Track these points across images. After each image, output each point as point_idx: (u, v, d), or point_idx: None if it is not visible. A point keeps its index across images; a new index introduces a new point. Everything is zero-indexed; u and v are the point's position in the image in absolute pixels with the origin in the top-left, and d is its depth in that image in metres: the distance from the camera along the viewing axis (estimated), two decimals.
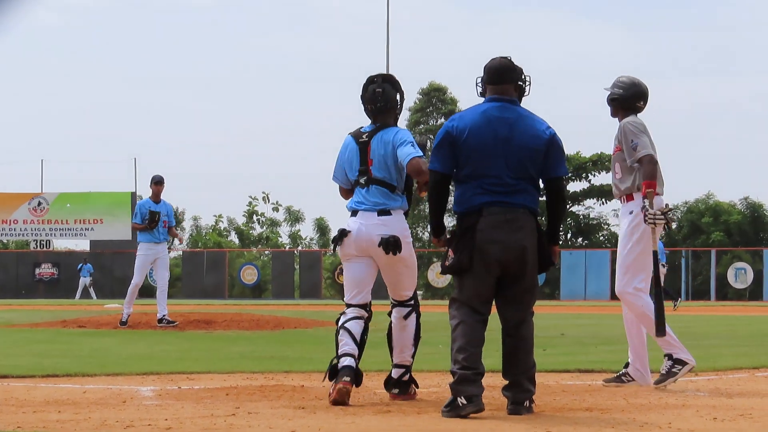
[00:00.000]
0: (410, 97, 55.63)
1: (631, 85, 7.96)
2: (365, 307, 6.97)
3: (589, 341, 13.19)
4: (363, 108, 7.07)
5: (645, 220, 7.50)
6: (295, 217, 58.99)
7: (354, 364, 6.72)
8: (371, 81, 7.04)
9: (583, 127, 67.86)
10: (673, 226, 8.12)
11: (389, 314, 7.09)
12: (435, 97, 54.55)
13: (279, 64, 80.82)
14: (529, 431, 5.49)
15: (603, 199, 51.66)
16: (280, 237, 58.83)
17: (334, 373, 6.72)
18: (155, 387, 7.74)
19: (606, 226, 52.84)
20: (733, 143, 74.09)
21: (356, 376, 6.71)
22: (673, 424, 5.72)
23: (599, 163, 50.59)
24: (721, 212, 50.48)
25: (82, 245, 49.91)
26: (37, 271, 46.34)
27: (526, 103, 6.54)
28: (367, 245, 6.87)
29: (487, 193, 6.14)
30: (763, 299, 41.37)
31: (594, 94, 75.17)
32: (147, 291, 46.41)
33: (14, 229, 47.52)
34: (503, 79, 6.33)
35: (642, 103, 7.97)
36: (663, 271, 23.38)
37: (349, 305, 6.95)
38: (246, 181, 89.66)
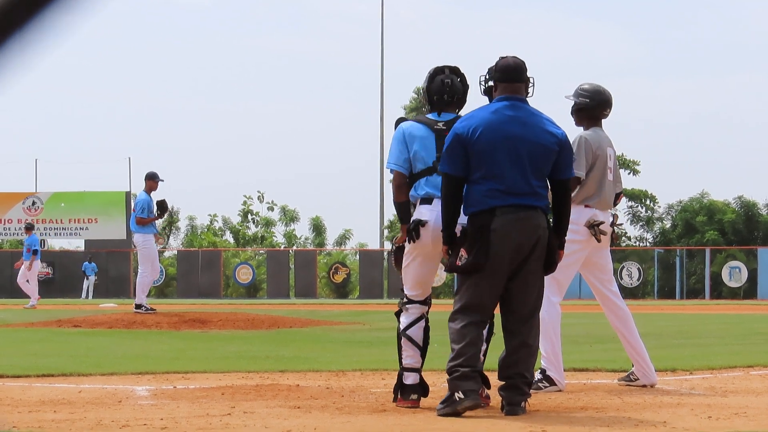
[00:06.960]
0: (405, 96, 55.64)
1: (596, 93, 7.72)
2: (426, 301, 6.66)
3: (583, 340, 13.19)
4: (426, 98, 6.64)
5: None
6: (290, 217, 58.95)
7: (418, 380, 6.51)
8: (439, 71, 6.63)
9: (572, 126, 67.80)
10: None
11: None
12: None
13: (274, 64, 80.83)
14: (525, 430, 5.49)
15: None
16: (275, 236, 58.81)
17: (400, 387, 6.50)
18: (151, 386, 7.74)
19: None
20: (728, 142, 74.21)
21: (423, 390, 6.51)
22: (668, 422, 5.72)
23: None
24: (716, 211, 50.53)
25: (77, 245, 49.86)
26: None
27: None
28: None
29: (499, 195, 6.02)
30: (757, 298, 41.42)
31: None
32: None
33: (8, 229, 47.42)
34: (517, 77, 6.19)
35: (608, 110, 7.76)
36: None
37: (411, 301, 6.61)
38: (241, 181, 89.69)
